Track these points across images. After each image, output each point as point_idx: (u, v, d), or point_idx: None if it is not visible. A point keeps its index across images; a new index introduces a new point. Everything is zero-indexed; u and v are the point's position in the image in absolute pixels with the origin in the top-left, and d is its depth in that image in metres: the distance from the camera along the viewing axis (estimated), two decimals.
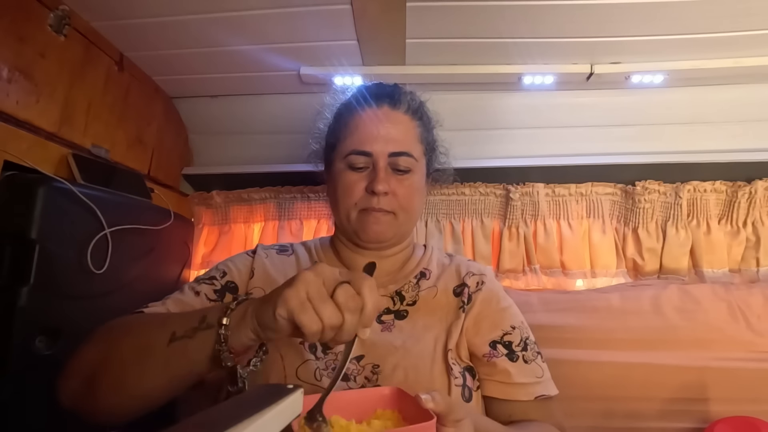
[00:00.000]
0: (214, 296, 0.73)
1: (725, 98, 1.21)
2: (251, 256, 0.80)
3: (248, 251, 0.82)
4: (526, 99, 1.25)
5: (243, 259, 0.80)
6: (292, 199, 1.38)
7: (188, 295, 0.72)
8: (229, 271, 0.77)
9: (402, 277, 0.80)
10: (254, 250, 0.82)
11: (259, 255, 0.80)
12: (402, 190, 0.75)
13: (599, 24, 0.96)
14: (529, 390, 0.70)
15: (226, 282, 0.76)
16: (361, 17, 0.92)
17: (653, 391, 1.02)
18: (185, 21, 0.96)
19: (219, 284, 0.75)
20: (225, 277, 0.76)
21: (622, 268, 1.28)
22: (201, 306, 0.70)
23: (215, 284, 0.75)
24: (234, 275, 0.77)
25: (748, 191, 1.22)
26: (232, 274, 0.77)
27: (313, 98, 0.93)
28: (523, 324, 0.77)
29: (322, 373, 0.66)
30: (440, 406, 0.45)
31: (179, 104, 1.33)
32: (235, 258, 0.81)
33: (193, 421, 0.31)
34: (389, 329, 0.73)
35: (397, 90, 0.80)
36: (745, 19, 0.93)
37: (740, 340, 1.05)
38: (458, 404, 0.49)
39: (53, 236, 0.82)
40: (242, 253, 0.82)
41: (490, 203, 1.32)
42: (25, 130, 0.86)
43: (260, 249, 0.82)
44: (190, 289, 0.74)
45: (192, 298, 0.72)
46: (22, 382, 0.77)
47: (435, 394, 0.46)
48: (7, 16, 0.80)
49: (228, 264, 0.79)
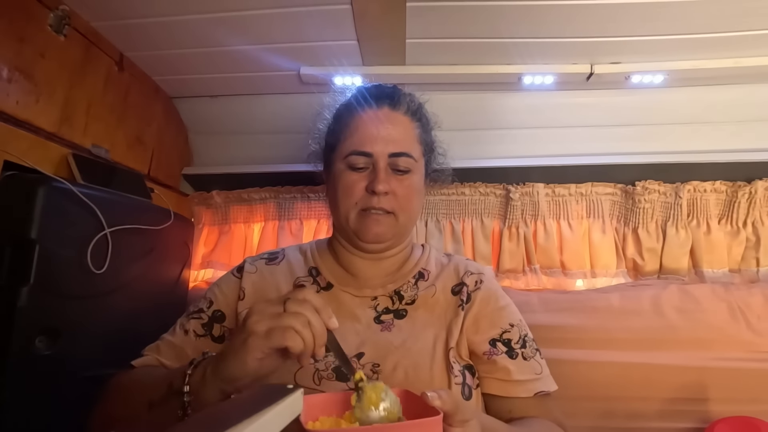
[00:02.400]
0: (202, 331, 0.76)
1: (725, 98, 1.21)
2: (238, 277, 0.81)
3: (234, 270, 0.83)
4: (526, 99, 1.25)
5: (230, 281, 0.81)
6: (292, 199, 1.38)
7: (178, 336, 0.76)
8: (215, 299, 0.79)
9: (400, 276, 0.80)
10: (241, 267, 0.82)
11: (246, 272, 0.81)
12: (402, 190, 0.75)
13: (599, 24, 0.96)
14: (529, 387, 0.71)
15: (212, 312, 0.77)
16: (361, 17, 0.92)
17: (653, 391, 1.02)
18: (185, 21, 0.96)
19: (206, 316, 0.77)
20: (212, 307, 0.78)
21: (622, 268, 1.28)
22: (191, 346, 0.74)
23: (203, 317, 0.77)
24: (221, 303, 0.78)
25: (748, 191, 1.22)
26: (218, 302, 0.78)
27: (313, 98, 0.93)
28: (521, 322, 0.78)
29: (321, 376, 0.66)
30: (447, 404, 0.45)
31: (179, 104, 1.33)
32: (222, 281, 0.82)
33: (193, 421, 0.31)
34: (389, 328, 0.73)
35: (397, 91, 0.80)
36: (745, 19, 0.93)
37: (740, 340, 1.05)
38: (465, 404, 0.49)
39: (53, 236, 0.82)
40: (228, 274, 0.83)
41: (490, 203, 1.32)
42: (25, 130, 0.86)
43: (247, 265, 0.82)
44: (180, 327, 0.77)
45: (182, 338, 0.75)
46: (22, 382, 0.77)
47: (442, 392, 0.46)
48: (7, 16, 0.80)
49: (215, 290, 0.80)
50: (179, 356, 0.73)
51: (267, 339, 0.49)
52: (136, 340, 0.77)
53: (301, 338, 0.49)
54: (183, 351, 0.74)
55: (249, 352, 0.49)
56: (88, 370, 0.87)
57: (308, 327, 0.49)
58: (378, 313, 0.75)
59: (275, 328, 0.49)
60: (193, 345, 0.74)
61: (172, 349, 0.74)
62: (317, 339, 0.50)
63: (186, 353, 0.73)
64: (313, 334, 0.50)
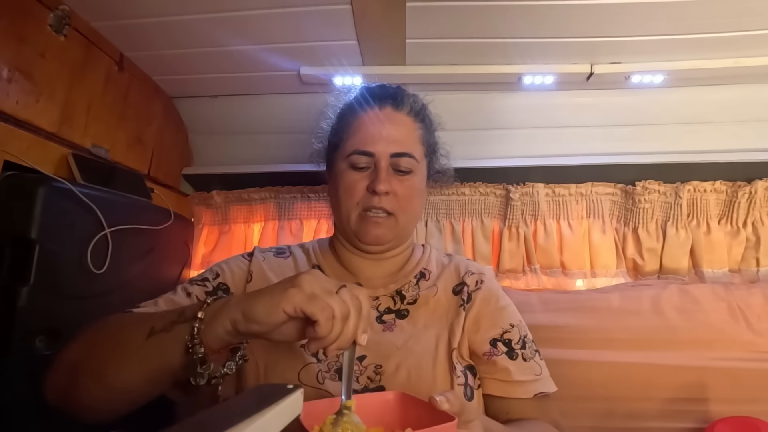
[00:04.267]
0: (204, 297, 0.73)
1: (725, 98, 1.21)
2: (248, 260, 0.80)
3: (245, 254, 0.82)
4: (526, 99, 1.25)
5: (239, 262, 0.80)
6: (292, 199, 1.38)
7: (180, 295, 0.73)
8: (222, 273, 0.77)
9: (402, 276, 0.80)
10: (251, 253, 0.82)
11: (256, 258, 0.80)
12: (403, 190, 0.75)
13: (599, 24, 0.96)
14: (528, 388, 0.71)
15: (218, 284, 0.76)
16: (361, 17, 0.92)
17: (653, 391, 1.02)
18: (185, 21, 0.95)
19: (211, 286, 0.75)
20: (217, 279, 0.76)
21: (622, 268, 1.28)
22: None
23: (207, 286, 0.75)
24: (227, 278, 0.77)
25: (748, 191, 1.22)
26: (224, 276, 0.77)
27: (313, 98, 0.93)
28: (521, 322, 0.78)
29: (325, 376, 0.66)
30: (455, 406, 0.45)
31: (179, 104, 1.33)
32: (231, 260, 0.81)
33: (193, 421, 0.31)
34: (390, 329, 0.73)
35: (400, 92, 0.80)
36: (745, 19, 0.93)
37: (740, 340, 1.05)
38: (469, 405, 0.49)
39: (53, 236, 0.82)
40: (238, 256, 0.82)
41: (490, 203, 1.32)
42: (25, 130, 0.86)
43: (257, 252, 0.82)
44: (183, 290, 0.74)
45: (183, 298, 0.73)
46: (22, 382, 0.77)
47: (449, 395, 0.45)
48: (7, 16, 0.80)
49: (222, 266, 0.79)
50: None
51: (308, 301, 0.47)
52: None
53: (331, 326, 0.47)
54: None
55: (286, 301, 0.47)
56: None
57: (344, 322, 0.48)
58: (380, 313, 0.75)
59: (320, 298, 0.47)
60: None
61: (172, 305, 0.70)
62: (341, 338, 0.48)
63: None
64: (341, 333, 0.48)
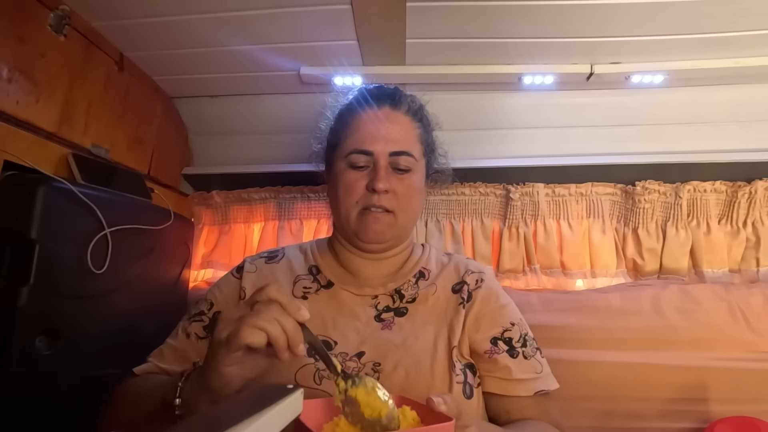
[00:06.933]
0: (203, 333, 0.76)
1: (725, 98, 1.21)
2: (238, 277, 0.81)
3: (234, 270, 0.83)
4: (526, 99, 1.25)
5: (229, 282, 0.81)
6: (292, 199, 1.38)
7: (180, 339, 0.76)
8: (215, 301, 0.79)
9: (401, 276, 0.80)
10: (240, 267, 0.82)
11: (246, 272, 0.81)
12: (402, 188, 0.75)
13: (599, 24, 0.96)
14: (529, 386, 0.71)
15: (213, 314, 0.77)
16: (361, 17, 0.92)
17: (653, 391, 1.02)
18: (185, 21, 0.95)
19: (207, 318, 0.77)
20: (212, 309, 0.78)
21: (622, 268, 1.28)
22: (193, 349, 0.74)
23: (204, 320, 0.77)
24: (221, 304, 0.78)
25: (748, 191, 1.22)
26: (218, 304, 0.78)
27: (313, 98, 0.93)
28: (521, 321, 0.78)
29: (322, 375, 0.66)
30: (453, 409, 0.46)
31: (179, 104, 1.33)
32: (222, 282, 0.82)
33: (193, 421, 0.31)
34: (389, 327, 0.73)
35: (398, 92, 0.81)
36: (745, 19, 0.93)
37: (740, 340, 1.05)
38: (465, 410, 0.49)
39: (53, 236, 0.82)
40: (228, 275, 0.83)
41: (490, 203, 1.32)
42: (25, 130, 0.86)
43: (247, 264, 0.82)
44: (182, 330, 0.77)
45: (184, 342, 0.75)
46: (22, 382, 0.77)
47: (446, 398, 0.46)
48: (7, 16, 0.80)
49: (215, 292, 0.80)
50: (182, 360, 0.74)
51: (227, 345, 0.48)
52: (136, 340, 0.77)
53: (266, 333, 0.48)
54: (186, 354, 0.74)
55: (218, 361, 0.49)
56: (88, 370, 0.87)
57: (274, 322, 0.48)
58: (378, 312, 0.75)
59: (233, 331, 0.48)
60: (195, 348, 0.74)
61: (174, 353, 0.75)
62: (290, 335, 0.49)
63: (188, 356, 0.74)
64: (286, 331, 0.49)
